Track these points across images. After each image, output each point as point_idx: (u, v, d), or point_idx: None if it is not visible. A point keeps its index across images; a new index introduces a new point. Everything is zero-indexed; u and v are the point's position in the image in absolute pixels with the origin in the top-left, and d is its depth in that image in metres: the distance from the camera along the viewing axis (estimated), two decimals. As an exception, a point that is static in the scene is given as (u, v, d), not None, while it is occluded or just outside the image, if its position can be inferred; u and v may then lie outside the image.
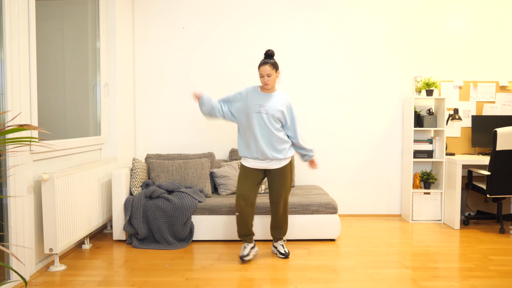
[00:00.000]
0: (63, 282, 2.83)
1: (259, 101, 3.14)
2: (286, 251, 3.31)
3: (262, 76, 3.12)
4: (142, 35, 4.56)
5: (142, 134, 4.63)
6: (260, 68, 3.12)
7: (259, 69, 3.13)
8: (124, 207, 3.66)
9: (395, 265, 3.12)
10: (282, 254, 3.30)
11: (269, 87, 3.15)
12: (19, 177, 2.75)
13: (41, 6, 3.53)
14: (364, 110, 4.61)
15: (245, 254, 3.20)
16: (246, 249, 3.24)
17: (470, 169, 4.14)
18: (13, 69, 2.70)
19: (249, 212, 3.20)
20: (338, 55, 4.58)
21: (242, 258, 3.19)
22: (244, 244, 3.28)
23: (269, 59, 3.14)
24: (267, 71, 3.10)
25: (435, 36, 4.58)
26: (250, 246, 3.28)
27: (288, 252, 3.32)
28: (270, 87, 3.15)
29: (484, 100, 4.55)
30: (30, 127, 1.50)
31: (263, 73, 3.11)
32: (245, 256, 3.20)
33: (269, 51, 3.15)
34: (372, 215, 4.67)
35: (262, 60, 3.16)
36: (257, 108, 3.12)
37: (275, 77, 3.15)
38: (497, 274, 2.95)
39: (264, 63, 3.11)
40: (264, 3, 4.54)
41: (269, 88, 3.17)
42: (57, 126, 3.86)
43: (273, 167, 3.20)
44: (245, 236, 3.27)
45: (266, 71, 3.10)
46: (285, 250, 3.32)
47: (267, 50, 3.16)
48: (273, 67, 3.12)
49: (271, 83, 3.13)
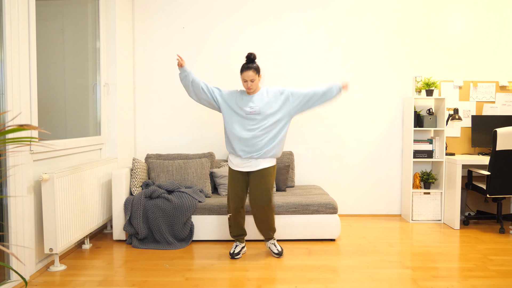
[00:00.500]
0: (63, 282, 2.83)
1: (247, 104, 3.11)
2: (279, 250, 3.31)
3: (246, 81, 3.07)
4: (142, 35, 4.56)
5: (142, 134, 4.63)
6: (244, 74, 3.05)
7: (242, 74, 3.06)
8: (124, 207, 3.66)
9: (395, 265, 3.12)
10: (276, 253, 3.31)
11: (251, 91, 3.13)
12: (19, 177, 2.75)
13: (41, 6, 3.53)
14: (364, 110, 4.61)
15: (236, 252, 3.27)
16: (238, 248, 3.31)
17: (470, 169, 4.14)
18: (13, 69, 2.70)
19: (241, 213, 3.27)
20: (338, 55, 4.58)
21: (232, 256, 3.26)
22: (236, 243, 3.35)
23: (252, 63, 3.07)
24: (250, 77, 3.05)
25: (435, 36, 4.58)
26: (242, 245, 3.34)
27: (281, 250, 3.31)
28: (252, 91, 3.13)
29: (484, 100, 4.55)
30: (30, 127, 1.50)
31: (246, 79, 3.06)
32: (236, 254, 3.27)
33: (251, 54, 3.08)
34: (372, 215, 4.67)
35: (244, 64, 3.08)
36: (248, 110, 3.09)
37: (258, 81, 3.12)
38: (497, 274, 2.95)
39: (248, 68, 3.04)
40: (264, 3, 4.54)
41: (253, 91, 3.15)
42: (57, 126, 3.86)
43: (254, 169, 3.15)
44: (238, 236, 3.34)
45: (249, 76, 3.05)
46: (277, 248, 3.32)
47: (249, 54, 3.09)
48: (256, 72, 3.07)
49: (254, 88, 3.11)
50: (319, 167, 4.63)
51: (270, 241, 3.37)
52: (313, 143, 4.62)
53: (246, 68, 3.05)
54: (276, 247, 3.33)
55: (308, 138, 4.62)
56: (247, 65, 3.06)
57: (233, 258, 3.27)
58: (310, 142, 4.62)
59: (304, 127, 4.61)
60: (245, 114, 3.10)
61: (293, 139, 4.61)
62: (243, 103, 3.13)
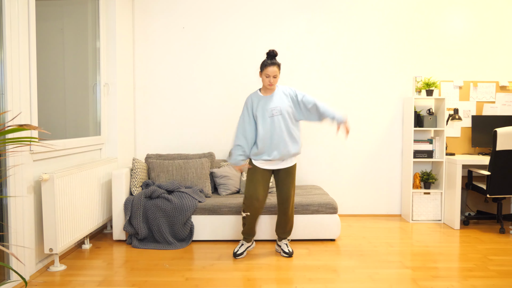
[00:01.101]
0: (63, 282, 2.83)
1: (268, 106, 3.11)
2: (290, 250, 3.33)
3: (268, 76, 3.06)
4: (142, 35, 4.56)
5: (142, 134, 4.63)
6: (268, 69, 3.04)
7: (267, 69, 3.04)
8: (124, 207, 3.66)
9: (395, 265, 3.12)
10: (286, 253, 3.32)
11: (273, 87, 3.12)
12: (19, 177, 2.75)
13: (41, 6, 3.53)
14: (364, 110, 4.61)
15: (240, 253, 3.28)
16: (242, 248, 3.32)
17: (470, 169, 4.14)
18: (13, 69, 2.70)
19: (259, 213, 3.26)
20: (338, 55, 4.58)
21: (235, 256, 3.27)
22: (242, 242, 3.35)
23: (275, 59, 3.08)
24: (274, 72, 3.05)
25: (435, 36, 4.58)
26: (247, 245, 3.35)
27: (292, 251, 3.34)
28: (273, 87, 3.13)
29: (484, 100, 4.55)
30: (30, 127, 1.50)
31: (270, 74, 3.05)
32: (240, 255, 3.28)
33: (273, 51, 3.07)
34: (372, 215, 4.67)
35: (267, 60, 3.06)
36: (270, 113, 3.09)
37: (278, 78, 3.13)
38: (497, 274, 2.95)
39: (273, 64, 3.04)
40: (264, 3, 4.54)
41: (273, 89, 3.14)
42: (57, 126, 3.86)
43: (283, 166, 3.20)
44: (249, 235, 3.35)
45: (274, 72, 3.05)
46: (289, 249, 3.34)
47: (271, 50, 3.07)
48: (279, 68, 3.09)
49: (274, 84, 3.11)
50: (319, 167, 4.63)
51: (284, 241, 3.39)
52: (313, 143, 4.62)
53: (271, 64, 3.04)
54: (288, 247, 3.35)
55: (308, 138, 4.61)
56: (271, 61, 3.05)
57: (236, 258, 3.27)
58: (310, 142, 4.62)
59: (304, 127, 4.60)
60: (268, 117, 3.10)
61: (293, 139, 4.61)
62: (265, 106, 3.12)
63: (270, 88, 3.14)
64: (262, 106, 3.12)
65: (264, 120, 3.10)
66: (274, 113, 3.09)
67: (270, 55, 3.08)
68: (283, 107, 3.11)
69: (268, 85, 3.10)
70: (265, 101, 3.13)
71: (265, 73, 3.06)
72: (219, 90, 4.58)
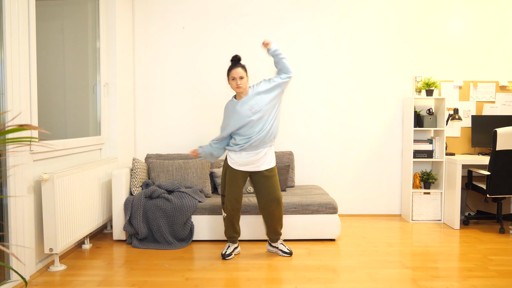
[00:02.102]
0: (63, 282, 2.83)
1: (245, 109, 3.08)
2: (289, 249, 3.33)
3: (234, 79, 3.05)
4: (142, 35, 4.56)
5: (142, 134, 4.63)
6: (232, 71, 3.05)
7: (231, 72, 3.06)
8: (124, 207, 3.66)
9: (395, 265, 3.12)
10: (287, 252, 3.32)
11: (241, 90, 3.08)
12: (19, 177, 2.75)
13: (41, 6, 3.53)
14: (364, 110, 4.61)
15: (228, 253, 3.28)
16: (230, 248, 3.32)
17: (470, 169, 4.14)
18: (13, 69, 2.70)
19: (239, 214, 3.28)
20: (338, 55, 4.58)
21: (224, 257, 3.26)
22: (229, 244, 3.34)
23: (238, 63, 3.09)
24: (239, 73, 3.05)
25: (435, 36, 4.58)
26: (234, 246, 3.35)
27: (291, 250, 3.34)
28: (242, 90, 3.09)
29: (484, 100, 4.55)
30: (30, 127, 1.50)
31: (235, 76, 3.05)
32: (228, 255, 3.27)
33: (236, 56, 3.11)
34: (372, 215, 4.67)
35: (231, 63, 3.11)
36: (249, 114, 3.07)
37: (247, 81, 3.11)
38: (497, 274, 2.95)
39: (236, 66, 3.05)
40: (265, 3, 4.54)
41: (242, 92, 3.11)
42: (57, 126, 3.86)
43: (262, 168, 3.17)
44: (232, 237, 3.34)
45: (239, 73, 3.04)
46: (287, 248, 3.34)
47: (234, 56, 3.11)
48: (245, 70, 3.09)
49: (243, 86, 3.08)
50: (319, 167, 4.63)
51: (279, 242, 3.37)
52: (313, 143, 4.62)
53: (233, 67, 3.06)
54: (285, 247, 3.35)
55: (308, 138, 4.62)
56: (234, 64, 3.09)
57: (225, 259, 3.26)
58: (310, 142, 4.62)
59: (304, 127, 4.61)
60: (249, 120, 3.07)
61: (293, 139, 4.61)
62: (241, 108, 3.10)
63: (239, 92, 3.11)
64: (239, 111, 3.09)
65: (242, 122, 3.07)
66: (253, 113, 3.06)
67: (233, 60, 3.12)
68: (259, 104, 3.08)
69: (236, 88, 3.08)
70: (241, 106, 3.10)
71: (230, 76, 3.08)
72: (219, 90, 4.58)
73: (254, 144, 3.10)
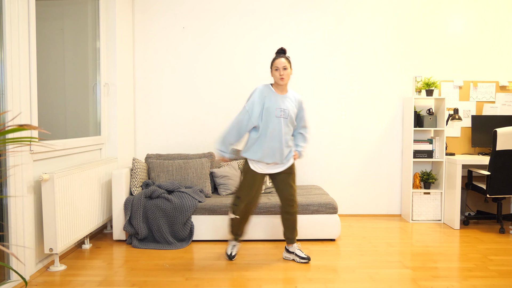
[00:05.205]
0: (63, 282, 2.83)
1: (279, 105, 3.00)
2: (306, 255, 3.21)
3: (278, 69, 2.98)
4: (142, 35, 4.56)
5: (142, 134, 4.63)
6: (276, 61, 2.98)
7: (275, 62, 2.98)
8: (124, 207, 3.66)
9: (395, 265, 3.12)
10: (304, 258, 3.19)
11: (284, 82, 2.99)
12: (19, 177, 2.75)
13: (41, 6, 3.53)
14: (364, 110, 4.61)
15: (234, 254, 3.27)
16: (235, 248, 3.31)
17: (470, 169, 4.14)
18: (13, 69, 2.70)
19: (250, 217, 3.26)
20: (338, 55, 4.58)
21: (231, 258, 3.25)
22: (233, 243, 3.33)
23: (283, 54, 3.04)
24: (283, 64, 2.96)
25: (435, 36, 4.58)
26: (238, 245, 3.37)
27: (308, 256, 3.22)
28: (285, 82, 3.00)
29: (484, 100, 4.55)
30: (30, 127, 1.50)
31: (279, 66, 2.97)
32: (234, 256, 3.26)
33: (281, 48, 3.04)
34: (372, 215, 4.67)
35: (276, 54, 3.04)
36: (278, 113, 2.99)
37: (290, 73, 3.03)
38: (497, 274, 2.95)
39: (280, 56, 2.99)
40: (265, 4, 4.54)
41: (285, 84, 3.02)
42: (57, 126, 3.86)
43: (282, 168, 3.12)
44: (239, 236, 3.32)
45: (282, 63, 2.96)
46: (304, 254, 3.22)
47: (280, 48, 3.05)
48: (288, 61, 3.01)
49: (286, 78, 2.99)
50: (319, 167, 4.63)
51: (295, 245, 3.24)
52: (312, 143, 4.62)
53: (278, 57, 3.00)
54: (302, 252, 3.22)
55: (308, 137, 4.61)
56: (278, 54, 3.03)
57: (231, 260, 3.25)
58: (310, 142, 4.62)
59: (304, 127, 4.61)
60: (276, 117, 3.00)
61: (293, 139, 4.61)
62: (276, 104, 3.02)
63: (282, 84, 3.01)
64: (274, 102, 3.01)
65: (270, 117, 2.98)
66: (282, 114, 3.00)
67: (279, 51, 3.05)
68: (292, 111, 3.04)
69: (280, 79, 2.98)
70: (276, 99, 3.02)
71: (274, 66, 3.00)
72: (219, 90, 4.58)
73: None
